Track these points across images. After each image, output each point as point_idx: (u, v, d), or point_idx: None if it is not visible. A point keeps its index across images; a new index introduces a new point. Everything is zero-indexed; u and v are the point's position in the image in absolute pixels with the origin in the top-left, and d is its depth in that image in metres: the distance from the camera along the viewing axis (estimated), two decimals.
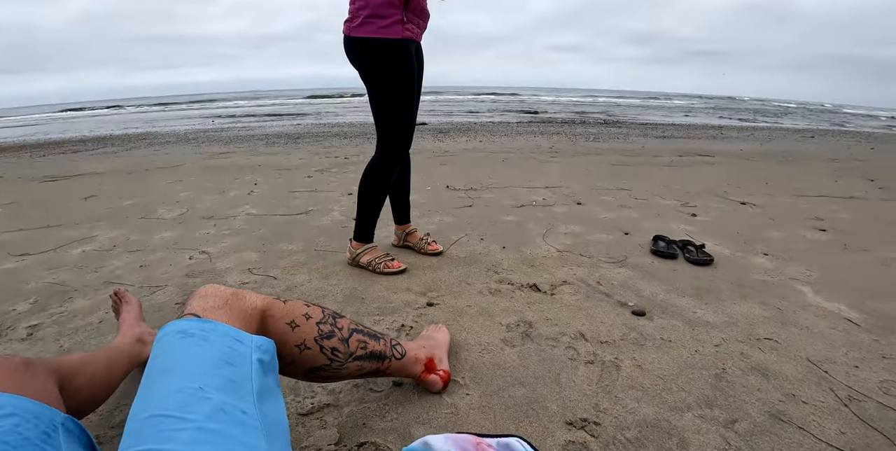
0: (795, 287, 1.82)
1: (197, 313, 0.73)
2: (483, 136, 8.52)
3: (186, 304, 0.78)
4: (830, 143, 10.23)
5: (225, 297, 0.79)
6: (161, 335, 0.69)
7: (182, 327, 0.69)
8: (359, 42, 1.65)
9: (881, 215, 3.16)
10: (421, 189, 3.46)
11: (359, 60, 1.70)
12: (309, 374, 0.91)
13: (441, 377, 1.13)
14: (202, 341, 0.67)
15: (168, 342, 0.67)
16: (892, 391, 1.19)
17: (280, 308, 0.86)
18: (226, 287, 0.82)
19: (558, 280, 1.80)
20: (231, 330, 0.71)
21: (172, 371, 0.62)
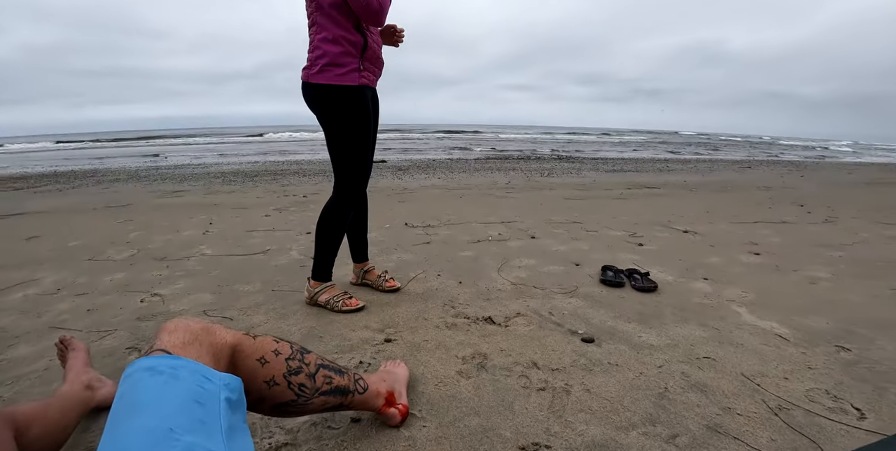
0: (732, 308, 1.95)
1: (167, 348, 0.72)
2: (442, 173, 8.72)
3: (155, 338, 0.76)
4: (766, 172, 10.98)
5: (195, 332, 0.78)
6: (129, 373, 0.68)
7: (151, 364, 0.68)
8: (317, 88, 1.73)
9: (809, 238, 3.42)
10: (380, 227, 3.51)
11: (316, 106, 1.78)
12: (275, 410, 0.92)
13: (400, 410, 1.16)
14: (172, 379, 0.66)
15: (136, 380, 0.65)
16: (817, 399, 1.30)
17: (250, 344, 0.86)
18: (196, 321, 0.81)
19: (512, 312, 1.87)
20: (200, 367, 0.71)
21: (141, 411, 0.61)
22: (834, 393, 1.33)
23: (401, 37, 1.99)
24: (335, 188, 1.88)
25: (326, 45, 1.70)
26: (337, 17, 1.68)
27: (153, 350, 0.72)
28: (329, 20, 1.68)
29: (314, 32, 1.73)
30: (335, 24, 1.68)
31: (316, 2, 1.69)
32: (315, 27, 1.72)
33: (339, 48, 1.70)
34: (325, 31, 1.69)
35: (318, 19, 1.70)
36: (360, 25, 1.73)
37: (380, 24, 1.72)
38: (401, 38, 2.00)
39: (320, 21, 1.70)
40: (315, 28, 1.72)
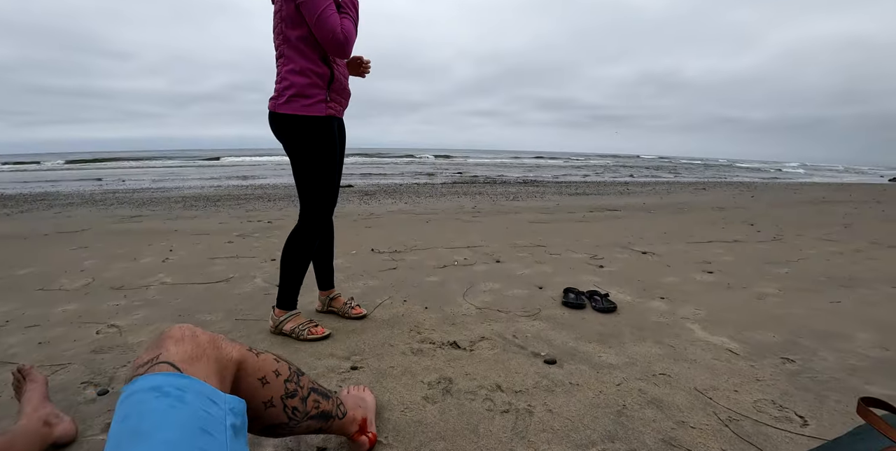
0: (686, 325, 2.04)
1: (174, 362, 0.68)
2: (409, 197, 8.79)
3: (159, 345, 0.72)
4: (719, 193, 11.50)
5: (202, 345, 0.74)
6: (132, 391, 0.63)
7: (156, 383, 0.64)
8: (284, 118, 1.77)
9: (758, 256, 3.61)
10: (346, 253, 3.51)
11: (283, 135, 1.81)
12: (264, 430, 0.90)
13: (370, 438, 1.16)
14: (178, 402, 0.62)
15: (140, 402, 0.61)
16: (764, 409, 1.37)
17: (253, 362, 0.84)
18: (202, 331, 0.78)
19: (477, 336, 1.90)
20: (207, 389, 0.68)
21: (145, 439, 0.58)
22: (780, 403, 1.41)
23: (367, 68, 2.07)
24: (301, 216, 1.90)
25: (294, 76, 1.74)
26: (304, 50, 1.73)
27: (158, 363, 0.68)
28: (296, 52, 1.73)
29: (282, 64, 1.77)
30: (302, 55, 1.73)
31: (283, 34, 1.74)
32: (283, 59, 1.77)
33: (306, 80, 1.74)
34: (293, 63, 1.74)
35: (286, 51, 1.75)
36: (326, 58, 1.78)
37: (346, 56, 1.76)
38: (367, 69, 2.07)
39: (287, 53, 1.75)
40: (283, 60, 1.77)
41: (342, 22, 1.69)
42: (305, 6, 1.65)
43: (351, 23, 1.73)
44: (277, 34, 1.77)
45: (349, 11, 1.75)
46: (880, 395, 1.49)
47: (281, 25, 1.74)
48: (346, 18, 1.71)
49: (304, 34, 1.71)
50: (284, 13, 1.71)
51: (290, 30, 1.72)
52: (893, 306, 2.41)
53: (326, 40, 1.68)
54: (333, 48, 1.70)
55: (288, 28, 1.72)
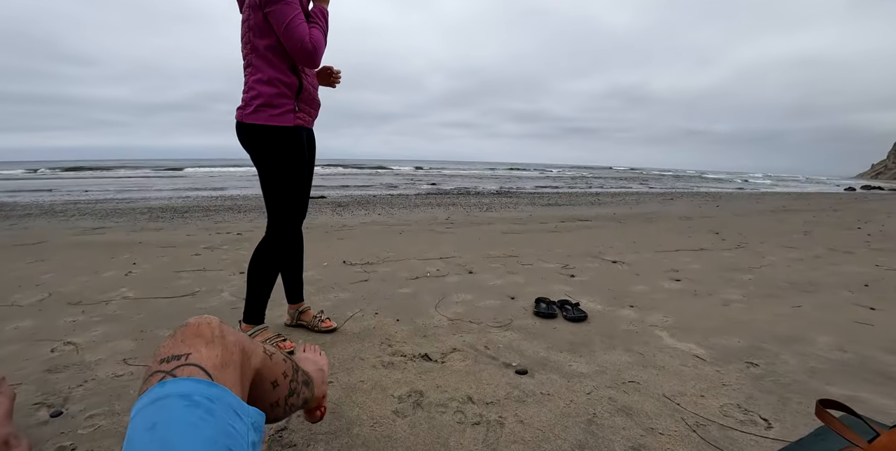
0: (655, 333, 2.07)
1: (206, 367, 0.65)
2: (382, 208, 8.75)
3: (187, 343, 0.68)
4: (686, 203, 11.81)
5: (231, 350, 0.71)
6: (162, 394, 0.60)
7: (188, 390, 0.61)
8: (251, 128, 1.74)
9: (723, 263, 3.71)
10: (317, 265, 3.46)
11: (251, 145, 1.78)
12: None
13: (322, 411, 1.16)
14: (207, 414, 0.59)
15: (170, 409, 0.58)
16: (730, 413, 1.40)
17: (268, 367, 0.82)
18: (229, 330, 0.74)
19: (449, 348, 1.89)
20: (235, 401, 0.65)
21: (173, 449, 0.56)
22: (745, 407, 1.44)
23: (337, 78, 2.06)
24: (268, 228, 1.87)
25: (261, 86, 1.72)
26: (272, 59, 1.71)
27: (188, 364, 0.65)
28: (264, 62, 1.72)
29: (249, 73, 1.75)
30: (270, 65, 1.72)
31: (251, 44, 1.72)
32: (250, 68, 1.74)
33: (273, 89, 1.72)
34: (260, 73, 1.72)
35: (254, 61, 1.73)
36: (295, 67, 1.77)
37: (314, 65, 1.75)
38: (337, 79, 2.06)
39: (255, 62, 1.73)
40: (250, 69, 1.74)
41: (311, 31, 1.68)
42: (273, 15, 1.63)
43: (320, 32, 1.72)
44: (245, 43, 1.74)
45: (318, 21, 1.74)
46: (840, 395, 1.53)
47: (249, 34, 1.71)
48: (314, 28, 1.71)
49: (272, 43, 1.70)
50: (252, 22, 1.69)
51: (258, 39, 1.70)
52: (850, 309, 2.51)
53: (295, 50, 1.67)
54: (302, 58, 1.69)
55: (256, 37, 1.70)
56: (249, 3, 1.68)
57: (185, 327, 0.72)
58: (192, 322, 0.72)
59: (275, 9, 1.63)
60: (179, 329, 0.72)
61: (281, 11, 1.63)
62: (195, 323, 0.72)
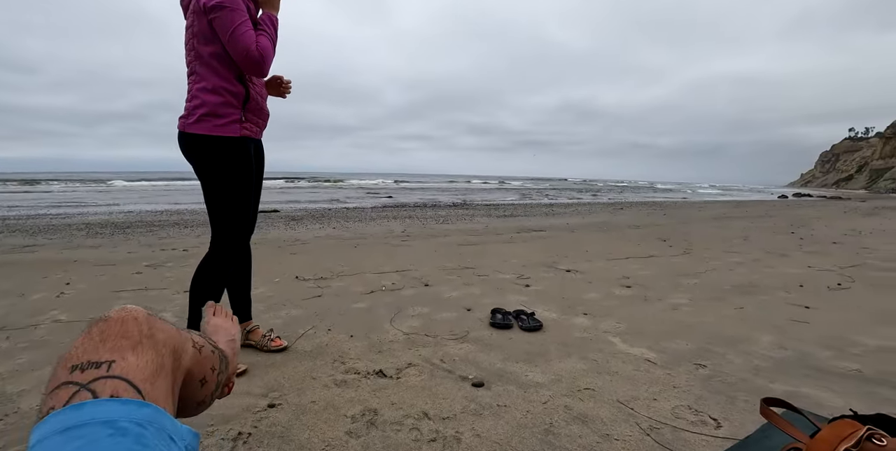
0: (608, 339, 2.10)
1: (135, 381, 0.53)
2: (337, 222, 8.60)
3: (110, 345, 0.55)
4: (636, 213, 12.24)
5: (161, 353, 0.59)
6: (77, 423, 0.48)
7: (113, 415, 0.49)
8: (195, 138, 1.67)
9: (671, 269, 3.84)
10: (268, 281, 3.33)
11: (194, 156, 1.71)
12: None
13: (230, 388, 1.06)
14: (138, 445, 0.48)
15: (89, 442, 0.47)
16: (682, 415, 1.42)
17: (199, 363, 0.70)
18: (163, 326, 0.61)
19: (404, 363, 1.84)
20: (167, 422, 0.54)
21: None
22: (695, 407, 1.47)
23: (287, 88, 2.00)
24: (212, 243, 1.79)
25: (205, 94, 1.65)
26: (217, 68, 1.66)
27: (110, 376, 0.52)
28: (209, 70, 1.66)
29: (193, 81, 1.68)
30: (215, 74, 1.66)
31: (195, 50, 1.65)
32: (194, 76, 1.68)
33: (219, 98, 1.66)
34: (205, 81, 1.66)
35: (198, 68, 1.67)
36: (242, 76, 1.71)
37: (262, 74, 1.70)
38: (287, 89, 2.01)
39: (199, 70, 1.66)
40: (194, 77, 1.68)
41: (258, 39, 1.62)
42: (218, 21, 1.58)
43: (268, 40, 1.66)
44: (189, 50, 1.68)
45: (266, 28, 1.68)
46: (782, 391, 1.60)
47: (193, 41, 1.65)
48: (262, 35, 1.65)
49: (217, 51, 1.64)
50: (197, 28, 1.63)
51: (203, 46, 1.64)
52: (788, 309, 2.64)
53: (241, 58, 1.61)
54: (249, 66, 1.63)
55: (200, 44, 1.64)
56: (194, 8, 1.62)
57: (105, 322, 0.58)
58: (113, 317, 0.59)
59: (220, 15, 1.57)
60: (97, 325, 0.58)
61: (226, 17, 1.57)
62: (118, 318, 0.59)
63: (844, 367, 1.83)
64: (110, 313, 0.60)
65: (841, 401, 1.52)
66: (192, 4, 1.64)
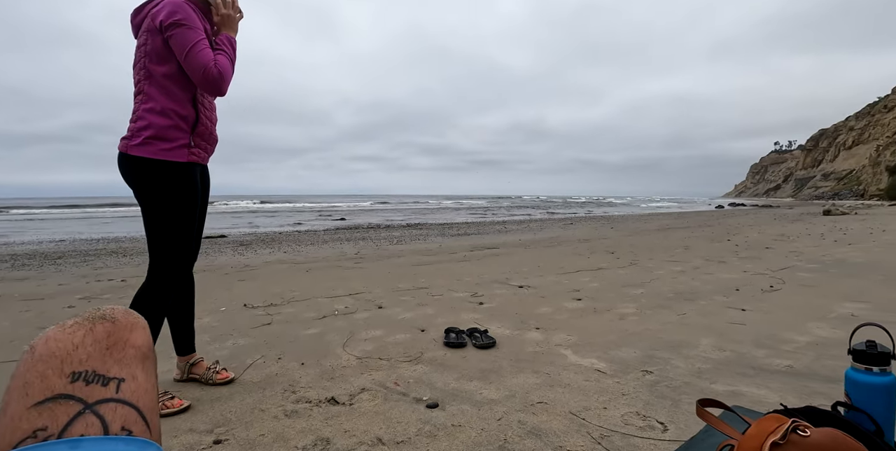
0: (560, 352, 2.14)
1: (143, 410, 0.44)
2: (288, 246, 8.38)
3: (111, 352, 0.46)
4: (585, 227, 12.62)
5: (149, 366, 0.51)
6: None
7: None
8: (138, 162, 1.60)
9: (619, 280, 3.97)
10: (214, 310, 3.20)
11: (135, 180, 1.63)
12: None
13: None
14: None
15: None
16: (631, 421, 1.46)
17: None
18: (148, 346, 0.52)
19: (357, 388, 1.80)
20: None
21: None
22: (643, 413, 1.51)
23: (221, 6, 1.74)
24: (150, 272, 1.70)
25: (153, 116, 1.59)
26: (169, 88, 1.61)
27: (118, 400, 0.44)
28: (159, 90, 1.60)
29: (140, 101, 1.62)
30: (166, 94, 1.61)
31: (146, 69, 1.60)
32: (142, 96, 1.61)
33: (167, 121, 1.60)
34: (153, 102, 1.60)
35: (147, 88, 1.61)
36: (195, 99, 1.67)
37: (220, 93, 1.66)
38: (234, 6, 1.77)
39: (148, 90, 1.60)
40: (142, 97, 1.61)
41: (216, 57, 1.60)
42: (174, 39, 1.55)
43: (226, 59, 1.64)
44: (139, 69, 1.62)
45: (225, 48, 1.66)
46: (723, 391, 1.67)
47: (144, 60, 1.60)
48: (220, 54, 1.62)
49: (171, 71, 1.60)
50: (150, 47, 1.58)
51: (156, 65, 1.59)
52: (726, 312, 2.78)
53: (198, 76, 1.57)
54: (207, 84, 1.60)
55: (153, 63, 1.59)
56: (147, 26, 1.58)
57: (113, 324, 0.50)
58: (120, 320, 0.51)
59: (176, 32, 1.54)
60: (102, 324, 0.50)
61: (183, 35, 1.54)
62: (126, 323, 0.51)
63: (778, 364, 1.94)
64: (115, 314, 0.52)
65: (776, 397, 1.61)
66: (145, 23, 1.60)
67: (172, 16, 1.55)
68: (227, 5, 1.71)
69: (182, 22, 1.55)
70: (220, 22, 1.72)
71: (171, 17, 1.55)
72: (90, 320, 0.50)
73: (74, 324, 0.49)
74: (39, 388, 0.43)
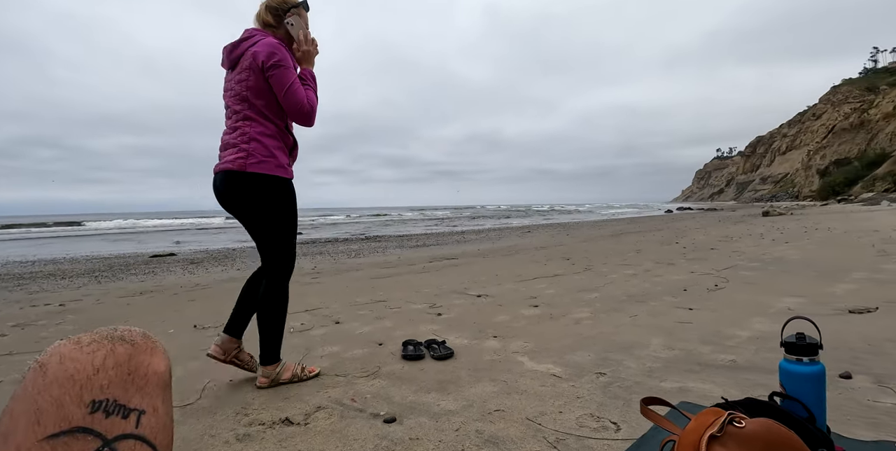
0: (517, 359, 2.16)
1: (158, 446, 0.41)
2: (242, 263, 8.13)
3: (132, 378, 0.42)
4: (542, 235, 12.86)
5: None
6: None
7: None
8: (257, 178, 1.83)
9: (574, 286, 4.06)
10: (161, 333, 3.06)
11: (253, 194, 1.85)
12: None
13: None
14: None
15: None
16: (585, 423, 1.49)
17: None
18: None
19: (312, 407, 1.76)
20: None
21: None
22: (597, 414, 1.55)
23: None
24: (272, 269, 1.97)
25: (266, 138, 1.84)
26: (270, 117, 1.86)
27: (136, 436, 0.40)
28: (264, 118, 1.85)
29: (247, 125, 1.84)
30: (269, 121, 1.86)
31: (248, 101, 1.83)
32: (249, 121, 1.84)
33: (276, 143, 1.87)
34: (262, 127, 1.85)
35: (252, 115, 1.84)
36: (288, 126, 1.94)
37: (310, 124, 1.93)
38: None
39: (254, 116, 1.84)
40: (249, 122, 1.84)
41: (307, 93, 1.86)
42: (275, 79, 1.79)
43: (314, 94, 1.91)
44: (240, 99, 1.85)
45: (310, 83, 1.92)
46: (671, 388, 1.73)
47: (246, 93, 1.83)
48: (309, 90, 1.89)
49: (270, 103, 1.85)
50: (252, 83, 1.82)
51: (256, 98, 1.83)
52: (674, 312, 2.89)
53: (294, 111, 1.84)
54: (301, 117, 1.87)
55: (254, 97, 1.83)
56: (250, 65, 1.81)
57: (133, 347, 0.46)
58: (140, 344, 0.47)
59: (276, 73, 1.79)
60: (122, 345, 0.45)
61: (282, 75, 1.80)
62: (147, 347, 0.47)
63: (723, 359, 2.03)
64: (133, 336, 0.47)
65: (720, 391, 1.68)
66: (247, 62, 1.82)
67: (273, 57, 1.79)
68: (307, 42, 1.95)
69: (281, 63, 1.80)
70: (300, 57, 1.96)
71: (272, 59, 1.79)
72: (109, 340, 0.45)
73: (93, 342, 0.44)
74: (55, 417, 0.39)
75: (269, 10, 1.93)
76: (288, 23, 1.93)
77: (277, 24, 1.94)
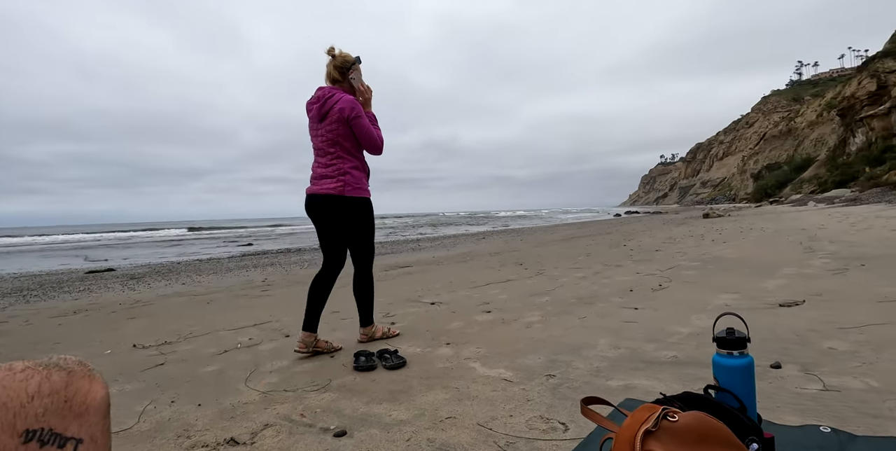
0: (469, 365, 2.18)
1: None
2: (187, 277, 7.78)
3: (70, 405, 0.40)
4: (496, 241, 13.01)
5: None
6: None
7: None
8: (357, 201, 2.50)
9: (527, 290, 4.13)
10: (97, 354, 2.87)
11: (354, 213, 2.51)
12: None
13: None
14: None
15: None
16: (535, 425, 1.51)
17: None
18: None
19: (260, 425, 1.70)
20: None
21: None
22: (546, 416, 1.57)
23: None
24: (363, 262, 2.70)
25: (355, 171, 2.49)
26: (355, 153, 2.51)
27: None
28: (350, 155, 2.49)
29: (341, 161, 2.46)
30: (355, 157, 2.51)
31: (339, 144, 2.45)
32: (341, 159, 2.47)
33: (361, 173, 2.54)
34: (351, 162, 2.49)
35: (343, 154, 2.47)
36: (364, 158, 2.60)
37: (380, 154, 2.59)
38: None
39: (344, 155, 2.47)
40: (342, 159, 2.47)
41: (378, 133, 2.53)
42: (357, 126, 2.43)
43: (379, 131, 2.56)
44: (333, 143, 2.45)
45: (375, 123, 2.57)
46: (617, 385, 1.79)
47: (339, 138, 2.44)
48: (377, 129, 2.55)
49: (354, 144, 2.49)
50: (341, 131, 2.43)
51: (345, 141, 2.46)
52: (621, 312, 2.99)
53: (371, 147, 2.53)
54: (375, 151, 2.56)
55: (343, 140, 2.45)
56: (338, 118, 2.41)
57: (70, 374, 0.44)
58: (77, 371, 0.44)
59: (357, 122, 2.42)
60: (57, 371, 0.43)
61: (361, 124, 2.43)
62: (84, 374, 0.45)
63: (665, 355, 2.12)
64: (69, 365, 0.45)
65: (663, 386, 1.75)
66: (335, 116, 2.41)
67: (353, 111, 2.41)
68: (366, 91, 2.58)
69: (359, 114, 2.43)
70: (363, 102, 2.55)
71: (353, 113, 2.41)
72: (45, 366, 0.43)
73: (26, 369, 0.42)
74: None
75: (336, 69, 2.52)
76: (351, 78, 2.52)
77: (343, 79, 2.53)
